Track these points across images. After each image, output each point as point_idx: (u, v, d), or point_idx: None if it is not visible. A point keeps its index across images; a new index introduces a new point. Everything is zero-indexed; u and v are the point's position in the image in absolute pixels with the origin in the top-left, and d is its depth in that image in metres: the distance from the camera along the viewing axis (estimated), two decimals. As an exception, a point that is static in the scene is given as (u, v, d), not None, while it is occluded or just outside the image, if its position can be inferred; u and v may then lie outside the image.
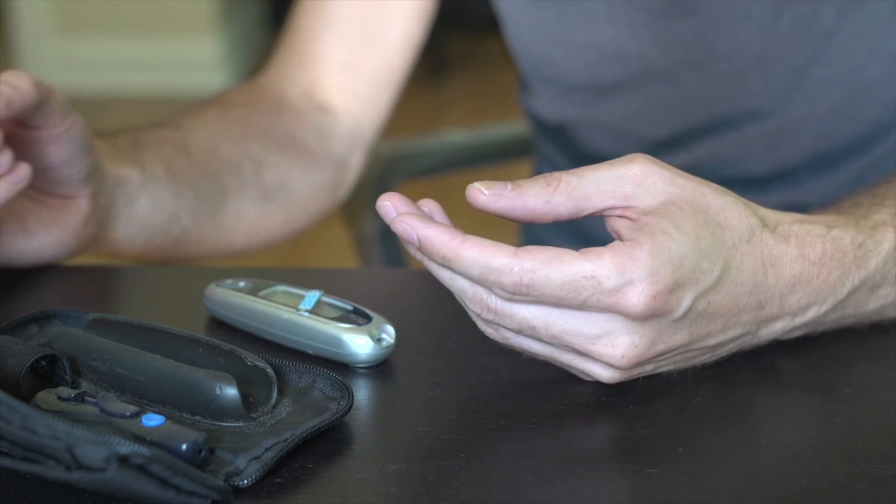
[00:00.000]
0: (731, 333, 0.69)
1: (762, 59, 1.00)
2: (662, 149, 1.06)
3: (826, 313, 0.72)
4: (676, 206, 0.67)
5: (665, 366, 0.70)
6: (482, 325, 0.69)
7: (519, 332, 0.67)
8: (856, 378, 0.73)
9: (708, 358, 0.71)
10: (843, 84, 1.00)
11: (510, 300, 0.66)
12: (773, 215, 0.71)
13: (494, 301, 0.66)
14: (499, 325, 0.68)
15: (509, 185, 0.68)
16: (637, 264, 0.65)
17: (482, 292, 0.66)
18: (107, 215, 0.89)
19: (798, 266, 0.70)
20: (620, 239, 0.67)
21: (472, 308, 0.68)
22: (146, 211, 0.93)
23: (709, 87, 1.02)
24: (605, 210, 0.68)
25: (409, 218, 0.67)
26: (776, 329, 0.71)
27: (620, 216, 0.68)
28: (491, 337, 0.69)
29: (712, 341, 0.69)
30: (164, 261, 1.00)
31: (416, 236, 0.66)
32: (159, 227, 0.94)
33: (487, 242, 0.65)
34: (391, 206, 0.68)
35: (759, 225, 0.69)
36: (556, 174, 0.68)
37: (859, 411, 0.69)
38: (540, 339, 0.67)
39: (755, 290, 0.69)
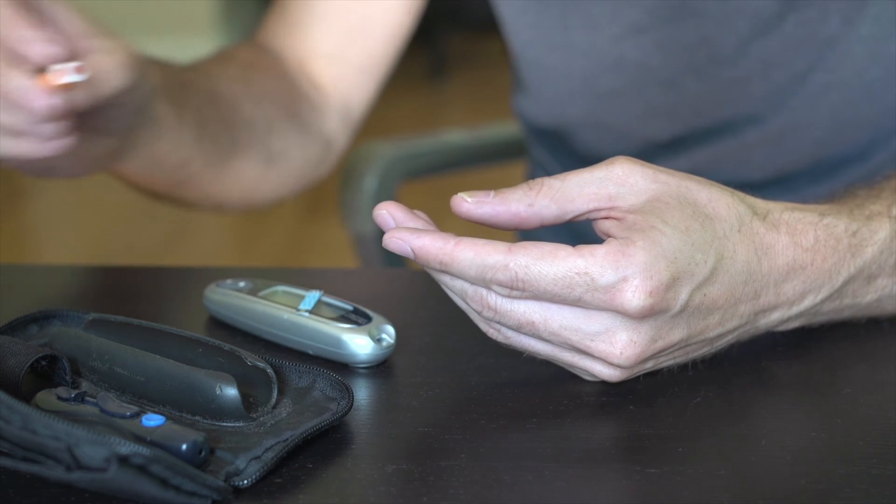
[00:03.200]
0: (729, 325, 0.70)
1: (765, 64, 1.00)
2: (662, 152, 1.06)
3: (822, 301, 0.72)
4: (662, 202, 0.67)
5: (665, 361, 0.70)
6: (483, 326, 0.69)
7: (519, 329, 0.68)
8: (855, 378, 0.73)
9: (707, 351, 0.71)
10: (844, 88, 1.00)
11: (509, 297, 0.66)
12: (762, 204, 0.71)
13: (494, 299, 0.67)
14: (500, 323, 0.68)
15: (492, 193, 0.69)
16: (630, 261, 0.65)
17: (483, 291, 0.67)
18: (127, 147, 0.87)
19: (791, 253, 0.70)
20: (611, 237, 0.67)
21: (474, 307, 0.68)
22: (165, 151, 0.93)
23: (711, 92, 1.02)
24: (589, 212, 0.68)
25: (400, 233, 0.67)
26: (773, 319, 0.71)
27: (606, 217, 0.68)
28: (492, 337, 0.69)
29: (711, 334, 0.69)
30: (156, 194, 1.01)
31: (409, 248, 0.67)
32: (170, 167, 0.95)
33: (482, 241, 0.66)
34: (388, 214, 0.69)
35: (748, 213, 0.69)
36: (539, 179, 0.69)
37: (859, 411, 0.69)
38: (540, 337, 0.68)
39: (750, 280, 0.69)
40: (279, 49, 1.09)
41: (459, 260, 0.66)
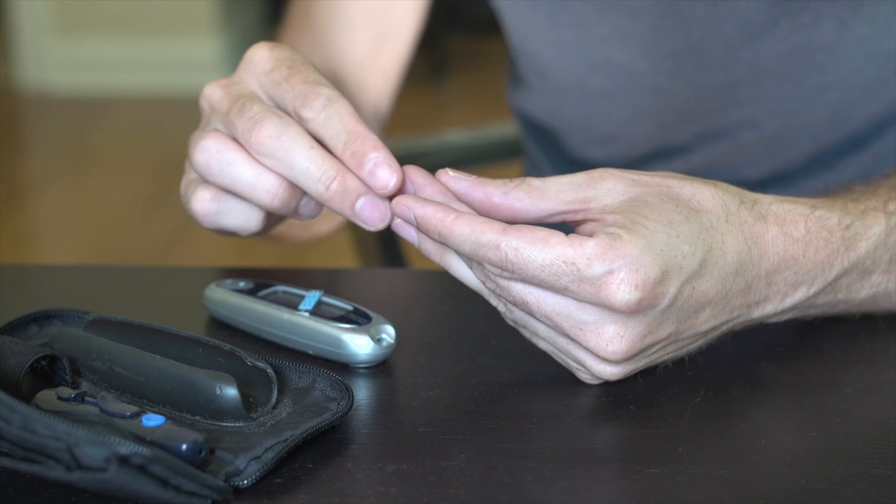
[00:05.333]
0: (721, 318, 0.70)
1: (757, 69, 0.99)
2: (656, 158, 1.05)
3: (816, 294, 0.72)
4: (640, 201, 0.68)
5: (659, 357, 0.70)
6: (494, 301, 0.70)
7: (516, 306, 0.68)
8: (855, 378, 0.73)
9: (702, 343, 0.71)
10: (841, 88, 0.99)
11: (500, 276, 0.67)
12: (749, 194, 0.71)
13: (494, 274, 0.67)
14: (502, 297, 0.69)
15: (474, 175, 0.70)
16: (617, 253, 0.65)
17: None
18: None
19: (781, 243, 0.70)
20: None
21: (479, 276, 0.69)
22: None
23: (700, 98, 1.02)
24: (563, 213, 0.69)
25: (407, 199, 0.69)
26: (767, 310, 0.71)
27: (583, 220, 0.68)
28: (501, 313, 0.70)
29: (703, 328, 0.69)
30: (284, 240, 1.02)
31: (413, 216, 0.68)
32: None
33: (480, 219, 0.67)
34: (408, 180, 0.71)
35: (734, 201, 0.69)
36: (523, 178, 0.70)
37: (859, 411, 0.69)
38: (536, 318, 0.68)
39: (741, 270, 0.69)
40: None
41: (456, 234, 0.67)
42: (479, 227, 0.66)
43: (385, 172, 0.71)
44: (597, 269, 0.65)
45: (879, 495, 0.61)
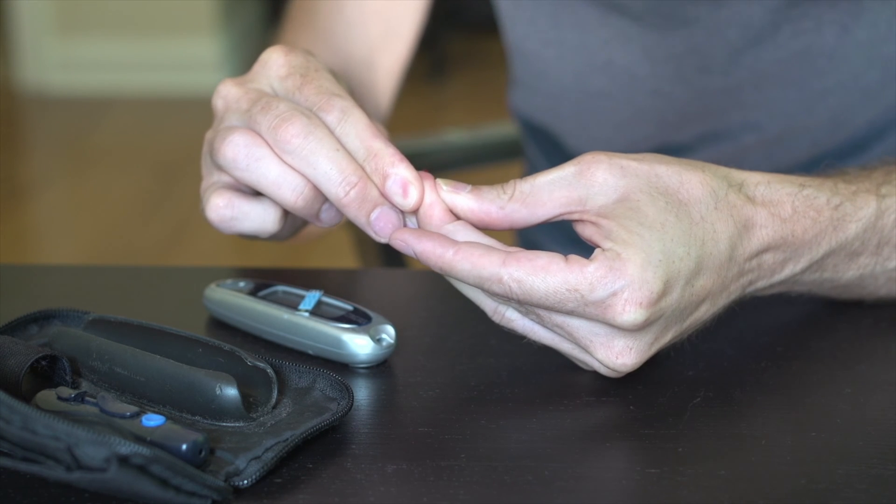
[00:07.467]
0: (720, 303, 0.70)
1: (759, 73, 1.00)
2: None
3: (803, 271, 0.73)
4: (632, 202, 0.67)
5: (662, 348, 0.70)
6: (489, 309, 0.70)
7: (525, 314, 0.69)
8: (856, 378, 0.73)
9: (699, 327, 0.72)
10: (842, 92, 0.99)
11: (507, 304, 0.67)
12: (737, 174, 0.71)
13: None
14: (508, 304, 0.69)
15: (469, 187, 0.70)
16: (618, 275, 0.65)
17: None
18: None
19: (770, 225, 0.70)
20: (596, 246, 0.67)
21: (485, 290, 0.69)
22: None
23: (701, 101, 1.02)
24: (560, 216, 0.69)
25: (403, 234, 0.69)
26: (758, 286, 0.72)
27: (580, 220, 0.68)
28: (497, 322, 0.70)
29: (704, 318, 0.70)
30: (308, 239, 1.01)
31: (412, 251, 0.68)
32: None
33: (478, 251, 0.66)
34: (419, 197, 0.71)
35: (723, 185, 0.69)
36: (512, 181, 0.69)
37: (859, 411, 0.69)
38: (544, 326, 0.68)
39: (734, 255, 0.69)
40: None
41: (457, 270, 0.67)
42: (479, 262, 0.66)
43: (405, 190, 0.71)
44: (600, 292, 0.65)
45: (879, 495, 0.61)
